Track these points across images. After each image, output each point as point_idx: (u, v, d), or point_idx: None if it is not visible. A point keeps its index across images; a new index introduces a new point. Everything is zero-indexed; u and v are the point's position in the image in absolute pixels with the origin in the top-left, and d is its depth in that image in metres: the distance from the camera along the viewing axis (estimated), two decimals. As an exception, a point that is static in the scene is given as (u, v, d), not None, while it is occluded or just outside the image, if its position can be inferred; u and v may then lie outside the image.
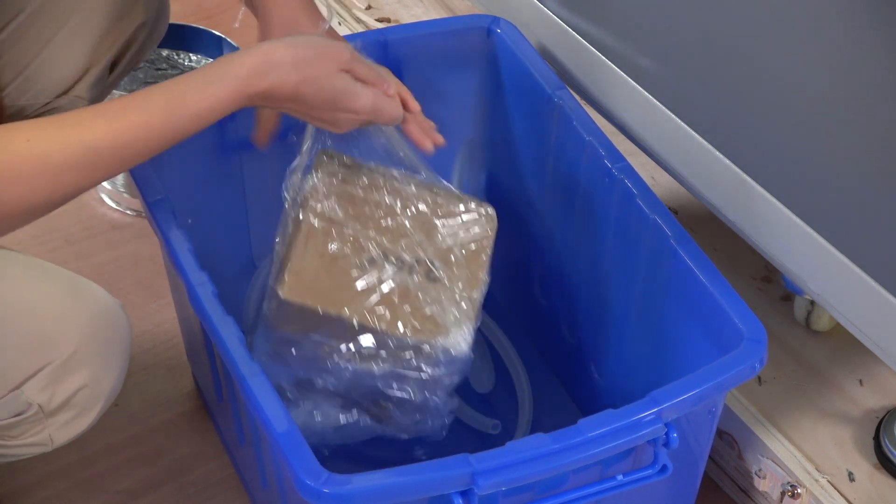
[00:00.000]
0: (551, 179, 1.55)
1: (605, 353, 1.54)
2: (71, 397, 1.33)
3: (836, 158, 1.28)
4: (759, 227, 1.39)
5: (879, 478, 1.44)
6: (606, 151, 1.46)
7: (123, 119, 1.18)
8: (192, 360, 1.62)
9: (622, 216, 1.45)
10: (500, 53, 1.59)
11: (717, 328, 1.32)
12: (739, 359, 1.27)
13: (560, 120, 1.52)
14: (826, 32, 1.24)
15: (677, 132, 1.45)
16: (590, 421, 1.20)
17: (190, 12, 2.15)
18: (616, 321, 1.50)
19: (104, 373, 1.34)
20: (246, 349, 1.25)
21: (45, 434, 1.34)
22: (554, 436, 1.19)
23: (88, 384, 1.33)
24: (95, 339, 1.32)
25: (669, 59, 1.45)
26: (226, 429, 1.56)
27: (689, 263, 1.35)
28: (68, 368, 1.31)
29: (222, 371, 1.37)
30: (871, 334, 1.31)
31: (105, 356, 1.34)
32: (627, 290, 1.47)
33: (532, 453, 1.18)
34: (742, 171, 1.38)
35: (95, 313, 1.33)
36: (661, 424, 1.21)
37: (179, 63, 1.94)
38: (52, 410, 1.33)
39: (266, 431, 1.19)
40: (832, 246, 1.31)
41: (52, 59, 1.37)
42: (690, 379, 1.25)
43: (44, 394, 1.31)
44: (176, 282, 1.45)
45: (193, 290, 1.30)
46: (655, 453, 1.23)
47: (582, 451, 1.19)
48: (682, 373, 1.27)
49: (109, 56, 1.39)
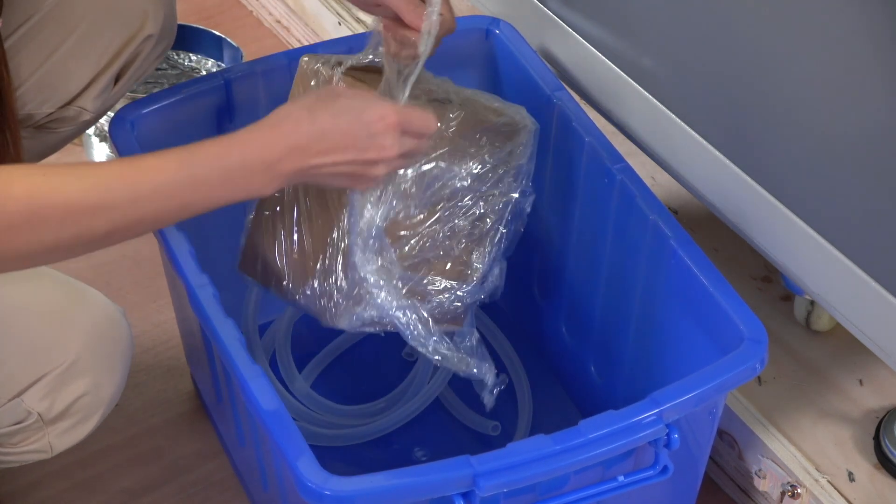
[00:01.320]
0: (550, 180, 1.55)
1: (605, 353, 1.54)
2: (71, 405, 1.32)
3: (836, 158, 1.28)
4: (759, 227, 1.39)
5: (879, 478, 1.44)
6: (606, 152, 1.45)
7: (139, 165, 1.12)
8: (192, 361, 1.62)
9: (622, 216, 1.45)
10: (499, 55, 1.59)
11: (717, 329, 1.32)
12: (740, 359, 1.27)
13: (559, 120, 1.51)
14: (826, 32, 1.24)
15: (677, 132, 1.45)
16: (591, 422, 1.20)
17: (190, 12, 2.15)
18: (616, 322, 1.50)
19: (105, 380, 1.33)
20: (247, 351, 1.24)
21: (44, 441, 1.34)
22: (555, 437, 1.19)
23: (89, 392, 1.32)
24: (97, 346, 1.32)
25: (669, 58, 1.45)
26: (225, 430, 1.56)
27: (689, 264, 1.35)
28: (69, 377, 1.31)
29: (222, 373, 1.37)
30: (871, 334, 1.31)
31: (106, 364, 1.33)
32: (627, 291, 1.47)
33: (533, 455, 1.18)
34: (742, 171, 1.38)
35: (97, 321, 1.32)
36: (663, 425, 1.21)
37: (179, 63, 1.94)
38: (52, 419, 1.32)
39: (267, 433, 1.19)
40: (832, 246, 1.31)
41: (57, 70, 1.36)
42: (691, 380, 1.25)
43: (44, 402, 1.31)
44: (175, 283, 1.45)
45: (194, 292, 1.30)
46: (656, 454, 1.23)
47: (583, 452, 1.19)
48: (682, 373, 1.27)
49: (115, 67, 1.39)
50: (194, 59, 1.94)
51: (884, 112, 1.21)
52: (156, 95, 1.45)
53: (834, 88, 1.26)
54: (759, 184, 1.37)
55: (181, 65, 1.93)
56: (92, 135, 1.87)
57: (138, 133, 1.41)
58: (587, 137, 1.47)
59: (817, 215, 1.32)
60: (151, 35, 1.39)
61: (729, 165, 1.40)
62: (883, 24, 1.18)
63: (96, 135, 1.86)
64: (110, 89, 1.40)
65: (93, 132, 1.86)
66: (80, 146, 1.94)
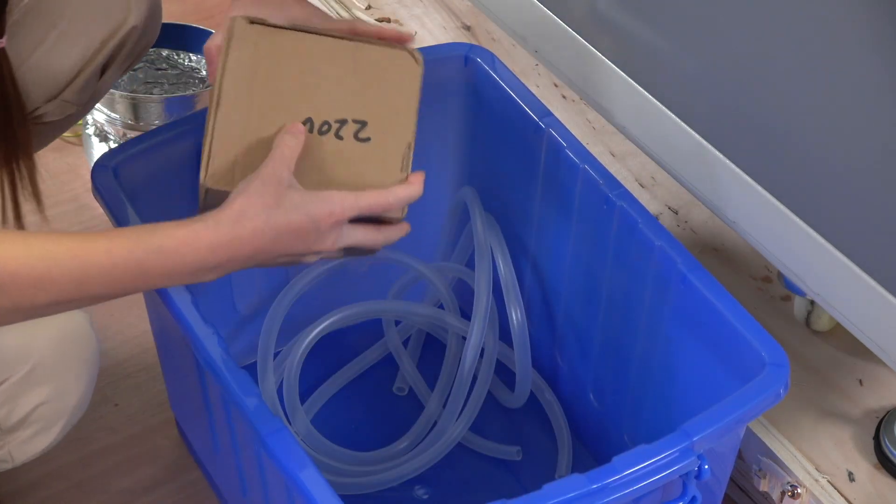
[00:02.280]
0: (540, 208, 1.53)
1: (605, 381, 1.53)
2: (30, 413, 1.30)
3: (836, 158, 1.28)
4: (759, 227, 1.39)
5: (879, 478, 1.44)
6: (603, 178, 1.43)
7: (88, 245, 1.10)
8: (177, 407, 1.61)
9: (622, 243, 1.43)
10: (480, 82, 1.56)
11: (733, 354, 1.31)
12: (765, 385, 1.26)
13: (549, 147, 1.49)
14: (826, 32, 1.24)
15: (677, 132, 1.45)
16: (624, 458, 1.19)
17: (190, 12, 2.15)
18: (617, 350, 1.49)
19: (69, 388, 1.31)
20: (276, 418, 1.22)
21: (4, 451, 1.32)
22: (590, 476, 1.17)
23: (50, 400, 1.30)
24: (59, 353, 1.30)
25: (669, 58, 1.45)
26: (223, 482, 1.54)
27: (701, 290, 1.34)
28: (27, 384, 1.28)
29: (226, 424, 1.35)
30: (871, 334, 1.31)
31: (68, 371, 1.31)
32: (629, 319, 1.45)
33: (570, 496, 1.16)
34: (742, 171, 1.38)
35: (60, 328, 1.30)
36: (695, 457, 1.20)
37: (179, 63, 1.94)
38: (11, 427, 1.30)
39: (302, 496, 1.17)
40: (832, 246, 1.31)
41: (41, 63, 1.35)
42: (720, 408, 1.23)
43: (2, 410, 1.29)
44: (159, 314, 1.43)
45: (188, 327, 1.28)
46: (685, 484, 1.22)
47: (620, 489, 1.17)
48: (693, 401, 1.26)
49: (99, 60, 1.38)
50: (194, 59, 1.94)
51: (884, 112, 1.21)
52: (136, 140, 1.44)
53: (834, 88, 1.26)
54: (758, 184, 1.37)
55: (181, 65, 1.94)
56: (92, 135, 1.87)
57: (121, 179, 1.39)
58: (582, 164, 1.45)
59: (817, 215, 1.32)
60: (135, 26, 1.39)
61: (729, 165, 1.40)
62: (882, 21, 1.18)
63: (96, 135, 1.86)
64: (96, 81, 1.39)
65: (92, 132, 1.86)
66: (80, 146, 1.95)
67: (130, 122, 1.83)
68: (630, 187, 1.72)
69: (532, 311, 1.60)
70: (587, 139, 1.80)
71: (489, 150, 1.59)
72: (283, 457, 1.18)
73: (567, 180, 1.48)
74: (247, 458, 1.32)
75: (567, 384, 1.60)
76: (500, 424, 1.62)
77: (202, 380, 1.35)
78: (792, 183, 1.34)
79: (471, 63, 1.56)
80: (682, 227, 1.70)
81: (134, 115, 1.83)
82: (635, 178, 1.76)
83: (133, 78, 1.90)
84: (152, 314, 1.53)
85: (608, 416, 1.53)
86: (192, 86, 1.90)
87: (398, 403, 1.63)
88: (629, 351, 1.47)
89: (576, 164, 1.45)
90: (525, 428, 1.62)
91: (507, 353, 1.61)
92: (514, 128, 1.53)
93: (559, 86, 1.90)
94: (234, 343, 1.58)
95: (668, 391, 1.42)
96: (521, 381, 1.57)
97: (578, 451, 1.58)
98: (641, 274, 1.41)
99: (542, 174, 1.52)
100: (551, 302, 1.57)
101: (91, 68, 1.37)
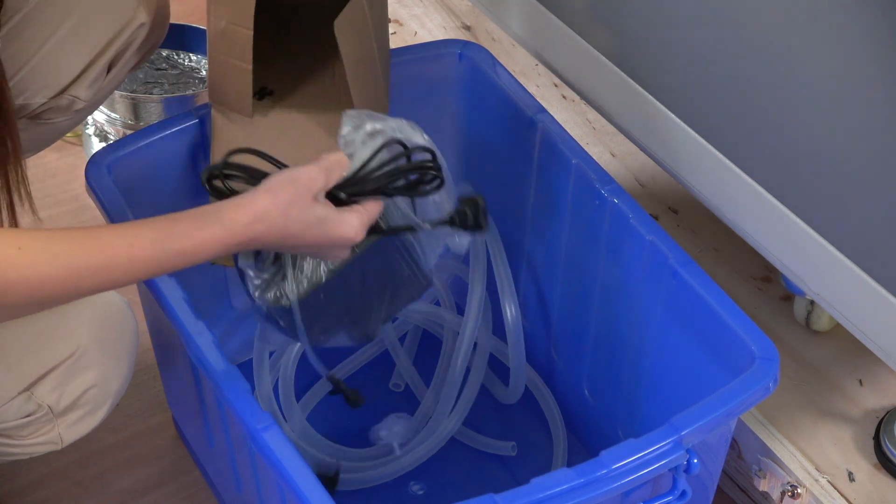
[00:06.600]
0: (534, 203, 1.54)
1: (599, 376, 1.53)
2: (80, 397, 1.33)
3: (836, 158, 1.28)
4: (759, 227, 1.39)
5: (879, 478, 1.44)
6: (595, 174, 1.44)
7: (111, 247, 1.15)
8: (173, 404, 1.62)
9: (614, 238, 1.43)
10: (474, 78, 1.56)
11: (724, 348, 1.31)
12: (755, 379, 1.26)
13: (542, 143, 1.50)
14: (826, 31, 1.24)
15: (677, 132, 1.45)
16: (612, 452, 1.19)
17: (190, 12, 2.15)
18: (611, 344, 1.49)
19: (112, 372, 1.35)
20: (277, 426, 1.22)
21: (54, 433, 1.35)
22: (578, 470, 1.17)
23: (97, 384, 1.34)
24: (104, 338, 1.33)
25: (669, 58, 1.45)
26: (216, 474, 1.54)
27: (692, 284, 1.34)
28: (77, 369, 1.32)
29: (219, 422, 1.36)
30: (871, 334, 1.31)
31: (113, 355, 1.34)
32: (622, 314, 1.45)
33: (558, 489, 1.16)
34: (742, 171, 1.38)
35: (103, 312, 1.33)
36: (683, 451, 1.20)
37: (179, 63, 1.94)
38: (62, 411, 1.34)
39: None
40: (832, 246, 1.31)
41: (49, 59, 1.36)
42: (709, 402, 1.24)
43: (53, 395, 1.32)
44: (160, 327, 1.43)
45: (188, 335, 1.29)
46: (674, 479, 1.22)
47: (607, 483, 1.18)
48: (685, 394, 1.26)
49: (107, 56, 1.39)
50: (194, 59, 1.94)
51: (884, 111, 1.21)
52: (130, 137, 1.45)
53: (834, 88, 1.26)
54: (759, 184, 1.37)
55: (181, 65, 1.94)
56: (92, 135, 1.87)
57: (115, 176, 1.40)
58: (574, 159, 1.46)
59: (817, 215, 1.32)
60: (144, 23, 1.40)
61: (729, 165, 1.40)
62: (882, 21, 1.18)
63: (96, 135, 1.86)
64: (103, 78, 1.40)
65: (92, 132, 1.86)
66: (80, 146, 1.95)
67: (130, 122, 1.83)
68: (630, 187, 1.72)
69: (526, 307, 1.61)
70: (587, 139, 1.80)
71: (483, 145, 1.60)
72: (273, 453, 1.19)
73: (560, 176, 1.48)
74: (240, 455, 1.33)
75: (561, 379, 1.60)
76: (495, 420, 1.62)
77: (196, 377, 1.36)
78: (792, 183, 1.34)
79: (465, 59, 1.56)
80: (682, 227, 1.70)
81: (134, 114, 1.83)
82: (635, 177, 1.76)
83: (133, 78, 1.90)
84: (148, 312, 1.53)
85: (603, 411, 1.54)
86: (192, 86, 1.90)
87: (395, 400, 1.64)
88: (622, 345, 1.47)
89: (569, 159, 1.46)
90: (520, 423, 1.62)
91: (501, 349, 1.62)
92: (507, 123, 1.54)
93: (559, 86, 1.90)
94: (230, 340, 1.59)
95: (661, 385, 1.43)
96: (516, 377, 1.58)
97: (573, 446, 1.59)
98: (634, 268, 1.42)
99: (535, 169, 1.52)
100: (545, 297, 1.57)
101: (100, 64, 1.38)
